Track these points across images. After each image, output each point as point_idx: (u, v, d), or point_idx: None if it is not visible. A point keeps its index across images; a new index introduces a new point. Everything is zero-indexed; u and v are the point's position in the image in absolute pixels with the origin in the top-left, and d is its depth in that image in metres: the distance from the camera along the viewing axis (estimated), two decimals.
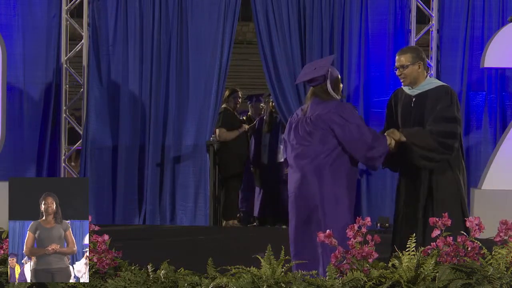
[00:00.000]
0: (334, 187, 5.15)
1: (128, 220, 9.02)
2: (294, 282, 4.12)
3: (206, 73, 9.03)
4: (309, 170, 5.17)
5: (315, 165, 5.16)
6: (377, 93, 9.11)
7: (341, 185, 5.17)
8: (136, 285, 4.23)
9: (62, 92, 9.20)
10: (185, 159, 9.07)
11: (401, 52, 5.61)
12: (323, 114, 5.19)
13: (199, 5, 9.07)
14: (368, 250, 4.19)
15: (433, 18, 9.18)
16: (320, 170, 5.15)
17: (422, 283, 4.05)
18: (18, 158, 8.99)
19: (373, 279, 4.10)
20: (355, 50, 9.06)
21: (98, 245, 4.47)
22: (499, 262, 4.21)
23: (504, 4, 9.09)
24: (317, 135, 5.18)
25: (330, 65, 5.32)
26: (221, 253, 6.50)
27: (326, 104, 5.23)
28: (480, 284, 4.05)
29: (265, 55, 9.02)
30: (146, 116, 9.06)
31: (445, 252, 4.18)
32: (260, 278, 4.16)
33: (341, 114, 5.17)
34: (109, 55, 9.09)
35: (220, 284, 4.16)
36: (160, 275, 4.29)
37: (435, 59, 9.17)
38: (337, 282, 4.08)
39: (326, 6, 9.02)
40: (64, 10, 9.18)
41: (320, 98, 5.27)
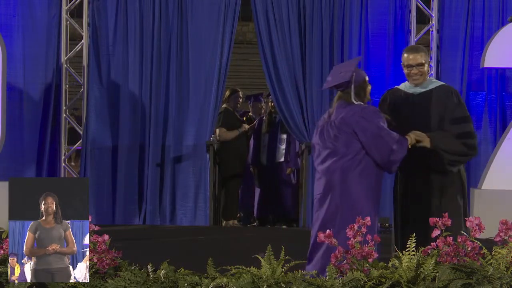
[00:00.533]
0: (359, 190, 5.16)
1: (128, 220, 9.02)
2: (294, 282, 4.12)
3: (206, 73, 9.03)
4: (334, 173, 5.19)
5: (340, 168, 5.17)
6: (377, 93, 9.08)
7: (366, 187, 5.18)
8: (136, 285, 4.23)
9: (62, 92, 9.19)
10: (185, 159, 9.07)
11: (414, 50, 5.58)
12: (347, 118, 5.21)
13: (199, 5, 9.07)
14: (368, 250, 4.19)
15: (433, 18, 9.18)
16: (345, 173, 5.17)
17: (422, 283, 4.06)
18: (18, 158, 8.99)
19: (373, 279, 4.10)
20: (355, 50, 9.05)
21: (98, 245, 4.47)
22: (499, 262, 4.21)
23: (504, 4, 9.09)
24: (342, 139, 5.20)
25: (355, 68, 5.33)
26: (221, 253, 6.50)
27: (350, 107, 5.25)
28: (480, 284, 4.05)
29: (265, 55, 9.01)
30: (146, 116, 9.06)
31: (445, 252, 4.18)
32: (260, 278, 4.16)
33: (364, 116, 5.18)
34: (109, 55, 9.09)
35: (220, 284, 4.16)
36: (160, 275, 4.29)
37: (435, 59, 9.16)
38: (337, 282, 4.08)
39: (326, 6, 9.02)
40: (64, 10, 9.18)
41: (345, 101, 5.30)
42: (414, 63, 5.52)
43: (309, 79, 8.99)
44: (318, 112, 9.00)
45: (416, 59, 5.53)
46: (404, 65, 5.57)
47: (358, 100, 5.28)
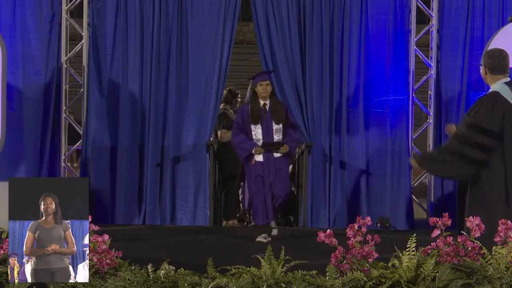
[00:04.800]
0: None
1: (128, 220, 9.02)
2: (294, 282, 4.12)
3: (206, 73, 9.03)
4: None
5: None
6: (377, 93, 9.11)
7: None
8: (136, 285, 4.23)
9: (62, 92, 9.19)
10: (185, 159, 9.07)
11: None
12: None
13: (199, 5, 9.07)
14: (368, 250, 4.19)
15: (433, 18, 9.18)
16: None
17: (422, 283, 4.06)
18: (18, 158, 8.99)
19: (373, 279, 4.11)
20: (355, 50, 9.05)
21: (98, 245, 4.47)
22: (499, 262, 4.21)
23: (504, 4, 9.09)
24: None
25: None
26: (221, 253, 6.51)
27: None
28: (480, 284, 4.06)
29: (265, 55, 9.01)
30: (146, 116, 9.06)
31: (445, 252, 4.19)
32: (260, 278, 4.17)
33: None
34: (109, 55, 9.09)
35: (220, 284, 4.17)
36: (160, 275, 4.30)
37: (435, 59, 9.17)
38: (337, 282, 4.08)
39: (326, 6, 9.03)
40: (64, 10, 9.18)
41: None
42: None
43: (309, 79, 9.00)
44: (318, 112, 9.00)
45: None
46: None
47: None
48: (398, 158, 9.03)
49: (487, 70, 5.54)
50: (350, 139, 9.05)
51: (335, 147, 9.03)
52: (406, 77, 9.07)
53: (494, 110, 5.39)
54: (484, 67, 5.55)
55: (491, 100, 5.43)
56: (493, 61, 5.55)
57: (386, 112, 9.07)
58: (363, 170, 9.02)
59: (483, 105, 5.43)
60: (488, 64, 5.52)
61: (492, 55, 5.58)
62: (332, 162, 9.03)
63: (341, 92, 9.04)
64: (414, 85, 9.19)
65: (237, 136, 7.94)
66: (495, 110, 5.39)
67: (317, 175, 8.98)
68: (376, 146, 9.07)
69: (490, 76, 5.53)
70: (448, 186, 9.04)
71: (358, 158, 9.03)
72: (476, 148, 5.38)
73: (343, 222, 8.85)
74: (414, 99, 9.18)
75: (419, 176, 9.35)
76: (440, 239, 4.23)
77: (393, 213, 8.93)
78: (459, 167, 5.43)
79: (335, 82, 9.03)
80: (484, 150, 5.36)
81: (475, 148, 5.38)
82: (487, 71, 5.53)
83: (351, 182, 9.04)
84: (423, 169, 5.51)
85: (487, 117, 5.40)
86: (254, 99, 7.88)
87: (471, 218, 4.32)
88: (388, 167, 9.03)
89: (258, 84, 7.82)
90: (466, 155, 5.39)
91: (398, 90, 9.07)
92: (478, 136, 5.39)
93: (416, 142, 9.37)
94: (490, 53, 5.62)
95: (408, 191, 9.02)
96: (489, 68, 5.52)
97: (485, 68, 5.54)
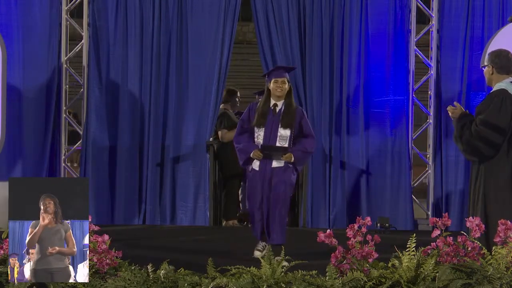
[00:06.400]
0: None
1: (128, 220, 9.02)
2: (294, 282, 4.12)
3: (206, 73, 9.03)
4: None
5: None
6: (377, 93, 9.11)
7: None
8: (136, 285, 4.24)
9: (62, 92, 9.19)
10: (185, 159, 9.07)
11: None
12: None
13: (199, 5, 9.07)
14: (368, 250, 4.19)
15: (433, 18, 9.18)
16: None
17: (422, 283, 4.06)
18: (18, 158, 8.99)
19: (373, 279, 4.11)
20: (355, 50, 9.05)
21: (98, 245, 4.47)
22: (499, 262, 4.21)
23: (504, 4, 9.09)
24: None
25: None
26: (221, 253, 6.51)
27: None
28: (480, 284, 4.06)
29: (265, 55, 9.01)
30: (146, 116, 9.06)
31: (445, 252, 4.19)
32: (260, 278, 4.17)
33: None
34: (109, 55, 9.08)
35: (220, 284, 4.17)
36: (160, 275, 4.30)
37: (435, 59, 9.16)
38: (337, 282, 4.09)
39: (326, 6, 9.02)
40: (64, 10, 9.17)
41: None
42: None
43: (309, 79, 8.99)
44: (318, 112, 9.00)
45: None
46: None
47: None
48: (398, 158, 9.03)
49: (494, 70, 5.55)
50: (350, 139, 9.04)
51: (335, 147, 9.03)
52: (406, 77, 9.07)
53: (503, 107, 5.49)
54: (491, 67, 5.56)
55: (500, 97, 5.49)
56: (501, 60, 5.57)
57: (386, 112, 9.07)
58: (363, 170, 9.02)
59: (493, 102, 5.50)
60: (495, 64, 5.54)
61: (500, 54, 5.60)
62: (332, 162, 9.02)
63: (341, 92, 9.04)
64: (414, 85, 9.18)
65: (239, 137, 7.06)
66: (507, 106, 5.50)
67: (317, 175, 8.98)
68: (376, 146, 9.06)
69: (497, 76, 5.55)
70: (448, 186, 9.04)
71: (358, 158, 9.03)
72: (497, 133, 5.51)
73: (343, 222, 8.85)
74: (414, 99, 9.18)
75: (419, 176, 9.35)
76: (440, 239, 4.24)
77: (393, 213, 8.93)
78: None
79: (335, 82, 9.02)
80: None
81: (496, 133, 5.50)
82: (494, 71, 5.54)
83: (351, 182, 9.04)
84: (456, 121, 5.59)
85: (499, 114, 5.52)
86: (266, 97, 6.83)
87: (471, 218, 4.32)
88: (388, 167, 9.03)
89: (272, 80, 6.75)
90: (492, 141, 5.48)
91: (398, 90, 9.07)
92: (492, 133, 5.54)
93: (416, 142, 9.36)
94: (497, 53, 5.63)
95: (408, 191, 9.02)
96: (497, 67, 5.54)
97: (492, 68, 5.55)
